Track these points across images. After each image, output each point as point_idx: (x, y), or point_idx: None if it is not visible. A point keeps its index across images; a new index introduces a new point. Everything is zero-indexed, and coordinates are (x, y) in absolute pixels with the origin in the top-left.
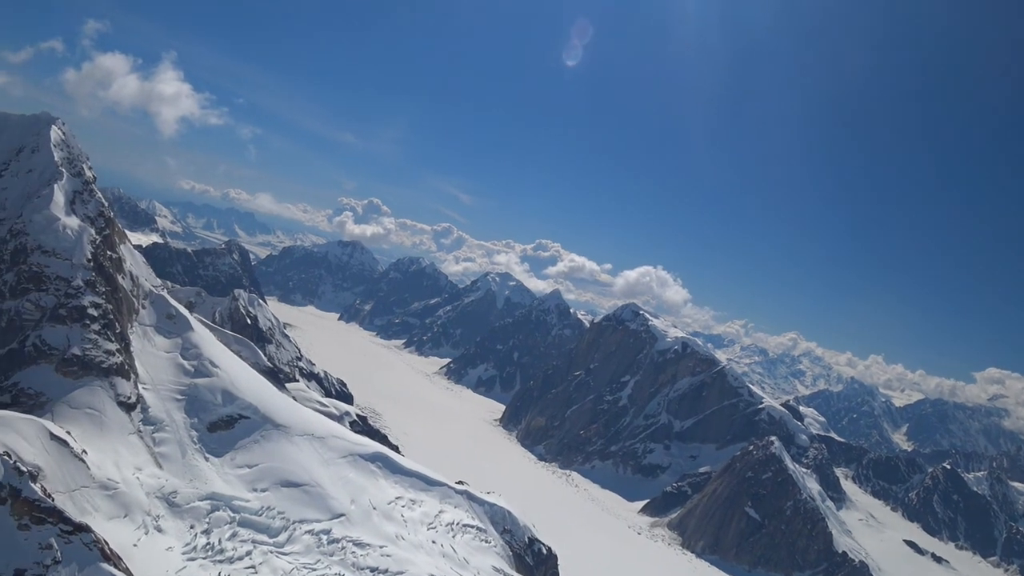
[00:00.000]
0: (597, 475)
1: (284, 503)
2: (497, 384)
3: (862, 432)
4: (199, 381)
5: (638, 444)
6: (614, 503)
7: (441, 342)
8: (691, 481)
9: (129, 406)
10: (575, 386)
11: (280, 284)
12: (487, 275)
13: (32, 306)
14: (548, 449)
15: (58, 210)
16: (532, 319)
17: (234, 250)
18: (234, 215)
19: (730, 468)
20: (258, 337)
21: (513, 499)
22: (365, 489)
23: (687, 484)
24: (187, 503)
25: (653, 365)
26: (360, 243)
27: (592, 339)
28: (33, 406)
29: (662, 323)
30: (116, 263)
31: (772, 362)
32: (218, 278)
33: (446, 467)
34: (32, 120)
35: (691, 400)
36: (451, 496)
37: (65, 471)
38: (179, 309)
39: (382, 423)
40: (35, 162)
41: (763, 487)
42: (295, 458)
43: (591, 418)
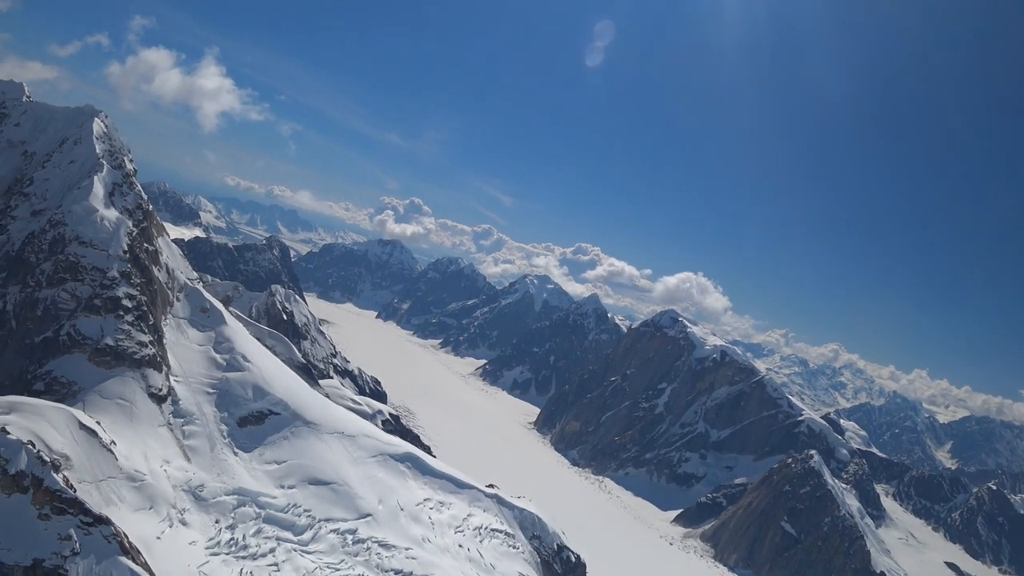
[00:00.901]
0: (631, 482)
1: (311, 501)
2: (532, 387)
3: (904, 448)
4: (231, 375)
5: (673, 452)
6: (647, 512)
7: (477, 343)
8: (726, 492)
9: (160, 398)
10: (611, 391)
11: (320, 281)
12: (525, 277)
13: (68, 296)
14: (582, 454)
15: (97, 201)
16: (569, 323)
17: (274, 246)
18: (277, 212)
19: (767, 480)
20: (293, 333)
21: (544, 504)
22: (394, 490)
23: (722, 495)
24: (213, 497)
25: (691, 373)
26: (400, 242)
27: (629, 345)
28: (65, 395)
29: (701, 330)
30: (152, 255)
31: (812, 373)
32: (258, 273)
33: (478, 469)
34: (76, 113)
35: (729, 410)
36: (480, 499)
37: (93, 461)
38: (213, 303)
39: (415, 422)
40: (77, 154)
41: (801, 501)
42: (324, 456)
43: (626, 424)
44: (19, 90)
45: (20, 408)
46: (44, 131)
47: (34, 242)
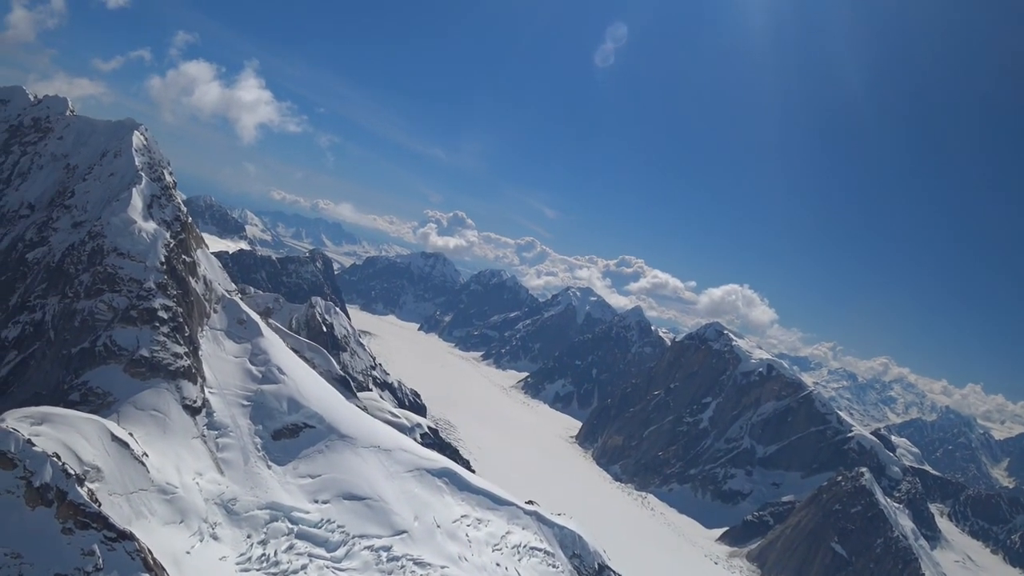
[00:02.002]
0: (674, 499)
1: (345, 516)
2: (574, 400)
3: (958, 465)
4: (266, 388)
5: (718, 468)
6: (691, 529)
7: (519, 356)
8: (773, 510)
9: (194, 410)
10: (654, 405)
11: (363, 293)
12: (568, 290)
13: (105, 307)
14: (624, 469)
15: (135, 213)
16: (612, 335)
17: (317, 258)
18: (322, 225)
19: (816, 499)
20: (333, 345)
21: (585, 521)
22: (430, 506)
23: (769, 513)
24: (246, 511)
25: (736, 387)
26: (442, 255)
27: (673, 358)
28: (100, 405)
29: (747, 344)
30: (190, 267)
31: (861, 387)
32: (300, 285)
33: (518, 483)
34: (116, 126)
35: (775, 425)
36: (519, 516)
37: (124, 473)
38: (250, 315)
39: (456, 435)
40: (117, 166)
41: (851, 521)
42: (359, 470)
43: (670, 439)
44: (63, 105)
45: (52, 419)
46: (86, 144)
47: (73, 253)
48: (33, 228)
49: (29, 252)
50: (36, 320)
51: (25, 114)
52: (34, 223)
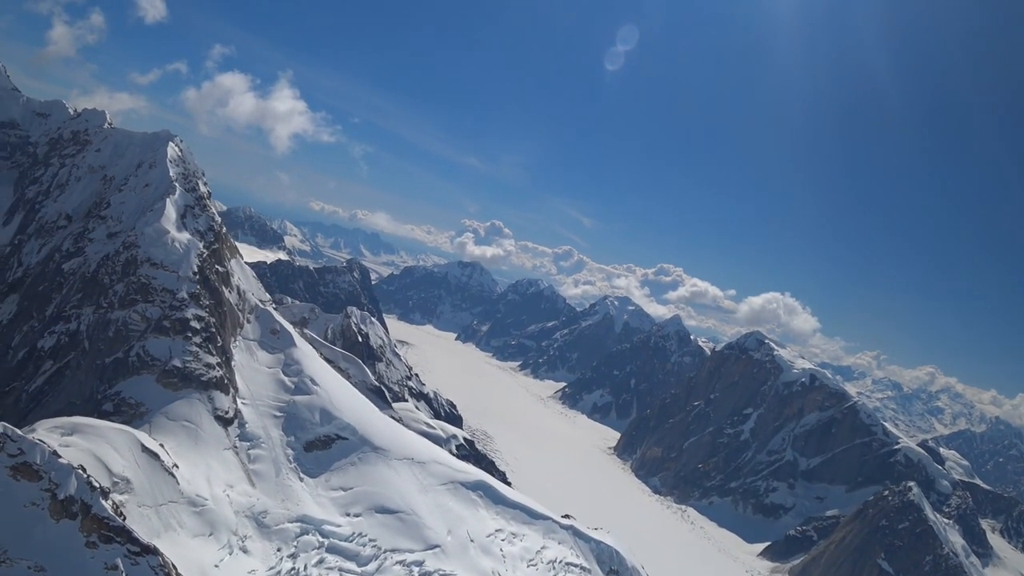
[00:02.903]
0: (715, 512)
1: (377, 530)
2: (613, 411)
3: (1009, 478)
4: (298, 398)
5: (760, 481)
6: (732, 544)
7: (557, 366)
8: (817, 525)
9: (226, 420)
10: (694, 416)
11: (400, 303)
12: (606, 299)
13: (138, 317)
14: (664, 481)
15: (169, 223)
16: (651, 345)
17: (354, 268)
18: (360, 235)
19: (861, 514)
20: (368, 355)
21: (623, 535)
22: (464, 519)
23: (812, 528)
24: (276, 524)
25: (778, 398)
26: (480, 264)
27: (713, 368)
28: (133, 416)
29: (788, 353)
30: (223, 277)
31: (907, 398)
32: (338, 295)
33: (555, 496)
34: (152, 138)
35: (819, 437)
36: (555, 531)
37: (154, 484)
38: (283, 325)
39: (492, 446)
40: (151, 177)
41: (899, 538)
42: (392, 483)
43: (710, 451)
44: (101, 118)
45: (83, 430)
46: (122, 156)
47: (108, 264)
48: (70, 239)
49: (65, 262)
50: (71, 330)
51: (65, 127)
52: (71, 234)
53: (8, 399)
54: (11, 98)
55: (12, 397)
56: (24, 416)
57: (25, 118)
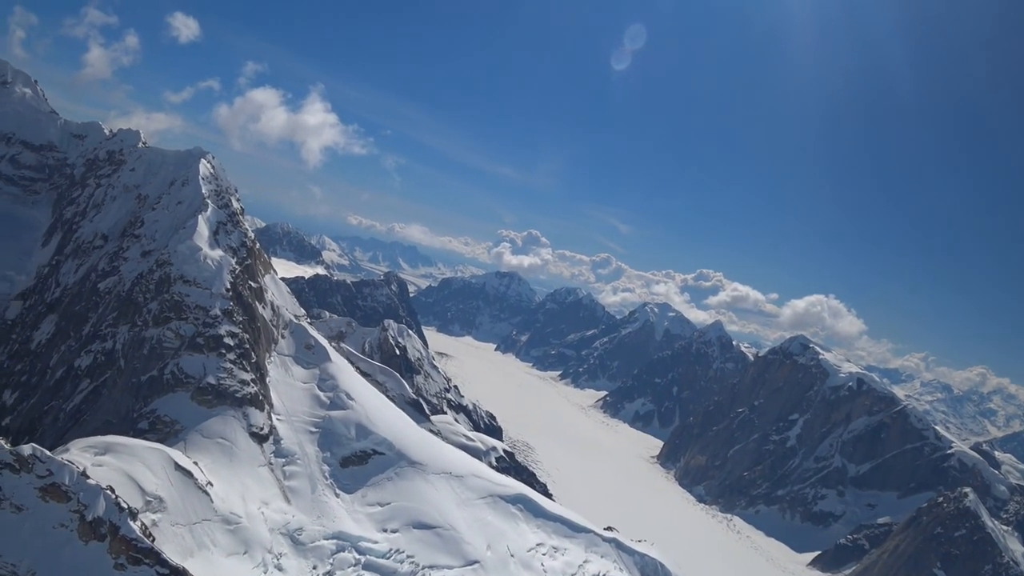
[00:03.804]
0: (762, 521)
1: (414, 546)
2: (655, 419)
3: None
4: (334, 414)
5: (808, 489)
6: (780, 553)
7: (597, 374)
8: (868, 533)
9: (261, 437)
10: (738, 424)
11: (439, 314)
12: (645, 306)
13: (172, 334)
14: (708, 490)
15: (201, 240)
16: (692, 351)
17: (392, 281)
18: (398, 248)
19: (915, 521)
20: (406, 368)
21: (668, 546)
22: (504, 534)
23: (864, 537)
24: (312, 541)
25: (824, 403)
26: (517, 274)
27: (757, 373)
28: (168, 434)
29: (834, 357)
30: (257, 293)
31: (957, 400)
32: (376, 308)
33: (597, 507)
34: (185, 156)
35: (868, 442)
36: (598, 544)
37: (187, 503)
38: (318, 339)
39: (534, 457)
40: (184, 195)
41: (955, 546)
42: (430, 498)
43: (756, 459)
44: (135, 137)
45: (116, 449)
46: (156, 174)
47: (142, 282)
48: (105, 258)
49: (101, 282)
50: (107, 349)
51: (100, 148)
52: (106, 253)
53: (47, 418)
54: (49, 121)
55: (51, 416)
56: (62, 435)
57: (63, 140)
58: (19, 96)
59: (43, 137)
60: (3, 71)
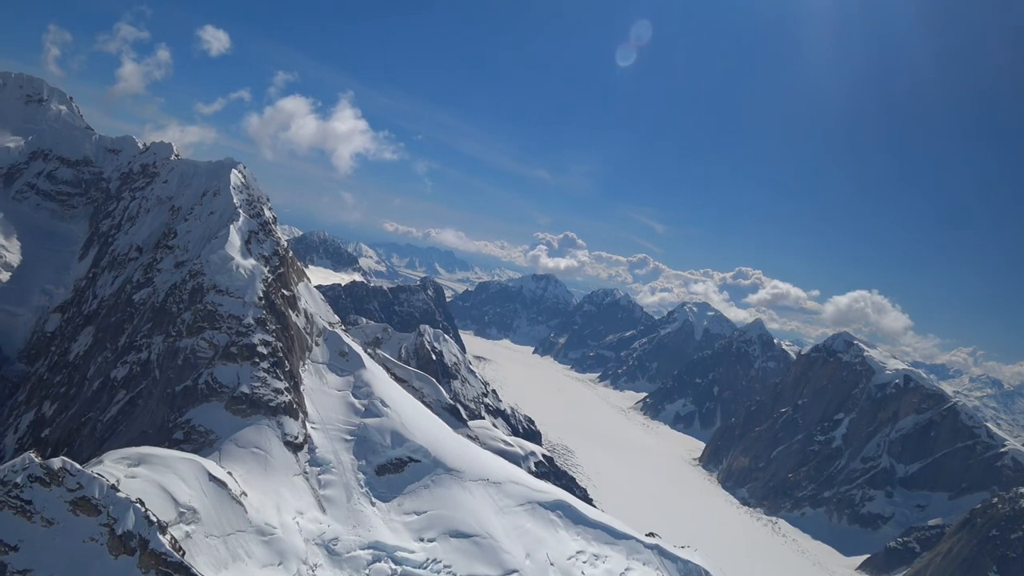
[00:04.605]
0: (808, 524)
1: (452, 555)
2: (696, 420)
3: None
4: (369, 421)
5: (855, 490)
6: (828, 557)
7: (637, 376)
8: (919, 536)
9: (296, 446)
10: (781, 424)
11: (476, 318)
12: (684, 305)
13: (206, 344)
14: (752, 492)
15: (233, 250)
16: (733, 351)
17: (428, 286)
18: (435, 254)
19: (968, 523)
20: (443, 373)
21: (711, 551)
22: (543, 542)
23: (915, 539)
24: (347, 552)
25: (871, 401)
26: (554, 276)
27: (800, 372)
28: (203, 444)
29: (879, 354)
30: (290, 301)
31: (1008, 395)
32: (412, 314)
33: (639, 511)
34: (216, 166)
35: (916, 441)
36: (639, 551)
37: (221, 514)
38: (352, 347)
39: (573, 461)
40: (216, 205)
41: (1012, 548)
42: (467, 506)
43: (800, 460)
44: (168, 150)
45: (150, 460)
46: (188, 186)
47: (176, 293)
48: (140, 270)
49: (136, 293)
50: (142, 360)
51: (135, 161)
52: (141, 265)
53: (85, 429)
54: (84, 137)
55: (88, 427)
56: (99, 445)
57: (98, 155)
58: (55, 113)
59: (79, 152)
60: (39, 89)
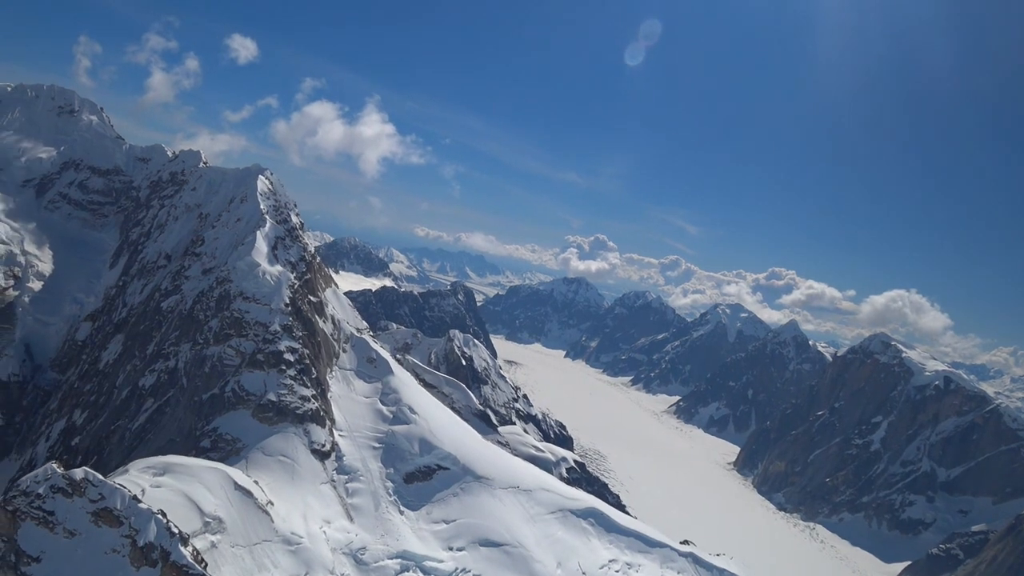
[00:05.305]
0: (846, 530)
1: (481, 565)
2: (730, 424)
3: None
4: (397, 428)
5: (895, 495)
6: (867, 564)
7: (669, 379)
8: (963, 542)
9: (323, 454)
10: (818, 427)
11: (507, 323)
12: (717, 307)
13: (233, 352)
14: (788, 498)
15: (260, 256)
16: (767, 353)
17: (459, 291)
18: (465, 258)
19: (1014, 530)
20: (473, 378)
21: (747, 558)
22: (575, 550)
23: (958, 546)
24: (375, 561)
25: (910, 403)
26: (585, 279)
27: (836, 374)
28: (229, 452)
29: (918, 354)
30: (317, 307)
31: None
32: (443, 318)
33: (672, 517)
34: (244, 173)
35: (958, 444)
36: (674, 559)
37: (247, 523)
38: (380, 353)
39: (606, 466)
40: (243, 211)
41: None
42: (497, 514)
43: (838, 464)
44: (196, 158)
45: (175, 469)
46: (216, 193)
47: (203, 300)
48: (168, 277)
49: (164, 301)
50: (170, 368)
51: (164, 170)
52: (169, 272)
53: (113, 437)
54: (115, 146)
55: (117, 435)
56: (128, 454)
57: (128, 164)
58: (86, 124)
59: (110, 162)
60: (71, 100)
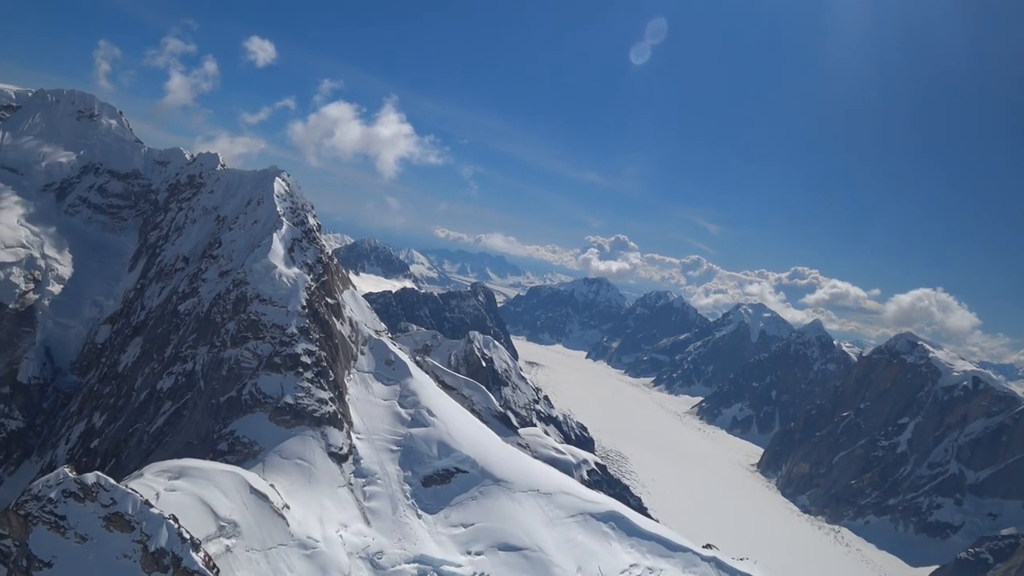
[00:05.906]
0: (872, 533)
1: (500, 569)
2: (754, 425)
3: None
4: (415, 431)
5: (922, 498)
6: (894, 568)
7: (692, 380)
8: (992, 546)
9: (340, 457)
10: (843, 428)
11: (528, 323)
12: (739, 307)
13: (250, 354)
14: (813, 500)
15: (276, 259)
16: (790, 353)
17: (479, 292)
18: (486, 259)
19: None
20: (493, 380)
21: (771, 562)
22: (595, 554)
23: (987, 550)
24: (392, 565)
25: (937, 404)
26: (606, 280)
27: (861, 374)
28: (246, 455)
29: (946, 354)
30: (334, 309)
31: None
32: (463, 320)
33: (695, 520)
34: (261, 175)
35: (987, 446)
36: (696, 563)
37: (263, 527)
38: (398, 355)
39: (627, 468)
40: (260, 214)
41: None
42: (516, 518)
43: (863, 466)
44: (214, 160)
45: (190, 472)
46: (234, 195)
47: (220, 303)
48: (186, 280)
49: (181, 303)
50: (188, 371)
51: (182, 173)
52: (187, 275)
53: (132, 440)
54: (134, 150)
55: (135, 438)
56: (146, 457)
57: (147, 167)
58: (106, 128)
59: (129, 165)
60: (90, 105)
